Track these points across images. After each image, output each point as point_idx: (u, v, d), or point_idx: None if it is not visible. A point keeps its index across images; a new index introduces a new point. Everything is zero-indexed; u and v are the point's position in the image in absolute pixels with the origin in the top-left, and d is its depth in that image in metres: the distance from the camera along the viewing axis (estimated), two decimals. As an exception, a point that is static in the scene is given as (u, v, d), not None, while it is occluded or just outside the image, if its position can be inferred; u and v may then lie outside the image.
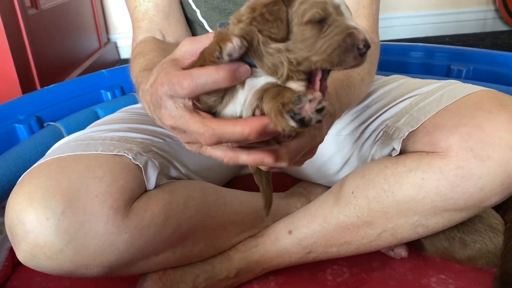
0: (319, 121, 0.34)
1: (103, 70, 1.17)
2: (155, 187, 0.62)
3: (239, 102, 0.40)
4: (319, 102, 0.33)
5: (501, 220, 0.73)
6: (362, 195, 0.64)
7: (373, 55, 0.66)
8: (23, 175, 0.57)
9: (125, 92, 1.16)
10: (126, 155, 0.59)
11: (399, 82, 0.75)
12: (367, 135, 0.71)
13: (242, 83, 0.39)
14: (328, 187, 0.73)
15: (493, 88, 0.64)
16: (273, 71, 0.38)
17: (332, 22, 0.36)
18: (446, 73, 1.15)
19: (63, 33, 1.66)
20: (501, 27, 2.42)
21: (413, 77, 0.78)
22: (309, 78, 0.38)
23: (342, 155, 0.75)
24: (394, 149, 0.64)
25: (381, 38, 0.77)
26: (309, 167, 0.81)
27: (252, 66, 0.39)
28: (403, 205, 0.61)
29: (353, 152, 0.74)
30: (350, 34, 0.35)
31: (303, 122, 0.34)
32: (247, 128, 0.37)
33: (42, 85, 1.34)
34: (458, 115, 0.59)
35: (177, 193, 0.63)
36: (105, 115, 1.01)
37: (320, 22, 0.36)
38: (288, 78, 0.37)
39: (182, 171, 0.70)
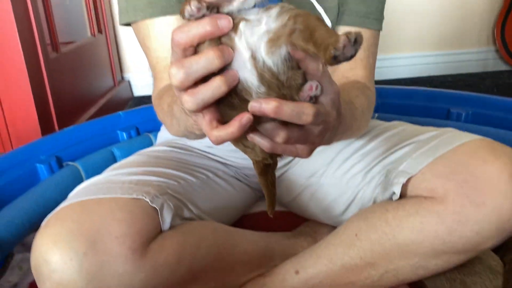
0: (361, 44, 0.36)
1: (120, 112, 1.23)
2: (169, 228, 0.65)
3: (240, 52, 0.40)
4: (349, 41, 0.35)
5: (499, 261, 0.75)
6: (365, 237, 0.67)
7: (370, 102, 0.71)
8: (48, 217, 0.61)
9: (140, 132, 1.21)
10: (144, 198, 0.63)
11: (399, 128, 0.79)
12: (369, 179, 0.75)
13: (235, 32, 0.40)
14: (335, 227, 0.77)
15: (492, 131, 0.67)
16: None
17: None
18: (446, 116, 1.19)
19: (80, 73, 1.73)
20: (502, 67, 2.48)
21: (414, 119, 0.82)
22: None
23: (346, 197, 0.79)
24: (394, 193, 0.68)
25: (385, 78, 0.82)
26: (315, 207, 0.84)
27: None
28: (404, 248, 0.64)
29: (356, 195, 0.77)
30: None
31: (349, 58, 0.36)
32: (210, 51, 0.39)
33: (59, 124, 1.40)
34: (454, 163, 0.63)
35: (190, 234, 0.66)
36: (121, 154, 1.07)
37: None
38: None
39: (194, 211, 0.73)
